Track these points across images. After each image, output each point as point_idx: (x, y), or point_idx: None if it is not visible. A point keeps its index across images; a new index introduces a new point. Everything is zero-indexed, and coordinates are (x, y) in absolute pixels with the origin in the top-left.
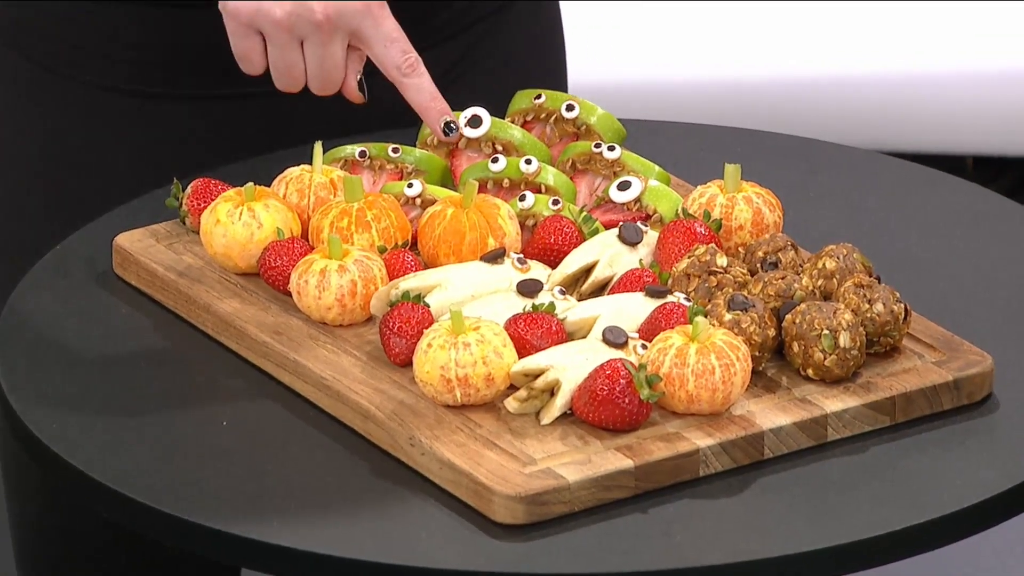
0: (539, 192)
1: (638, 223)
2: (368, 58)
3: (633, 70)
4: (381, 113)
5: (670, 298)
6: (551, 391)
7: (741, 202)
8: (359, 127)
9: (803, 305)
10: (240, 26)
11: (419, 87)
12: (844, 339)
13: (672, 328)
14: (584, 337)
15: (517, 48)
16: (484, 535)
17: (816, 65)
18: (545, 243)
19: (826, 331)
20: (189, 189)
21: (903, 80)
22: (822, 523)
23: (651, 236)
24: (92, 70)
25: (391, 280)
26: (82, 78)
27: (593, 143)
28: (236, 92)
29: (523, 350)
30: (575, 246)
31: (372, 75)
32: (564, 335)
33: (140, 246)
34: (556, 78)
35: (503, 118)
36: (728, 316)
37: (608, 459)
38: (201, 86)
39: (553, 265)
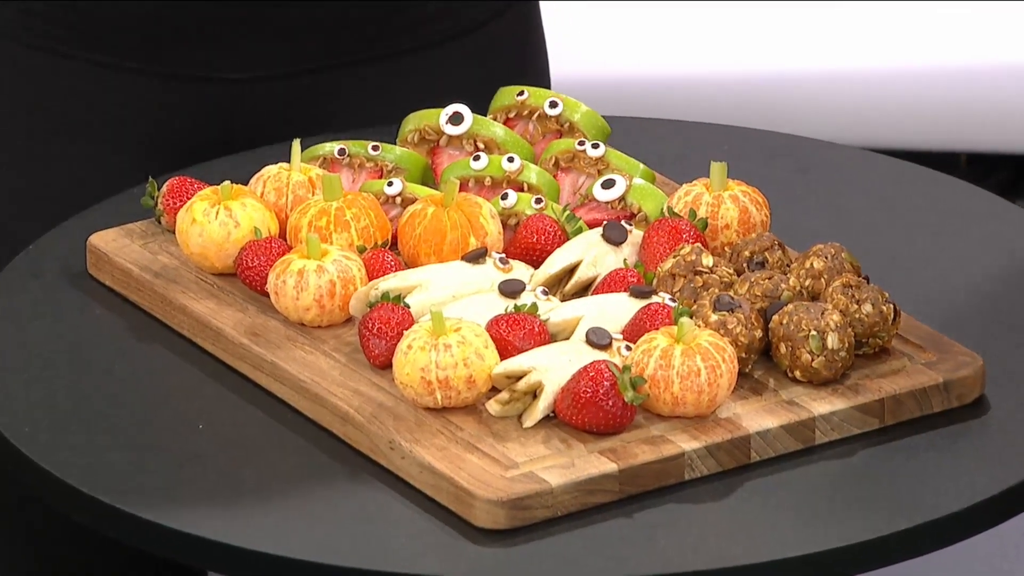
0: (522, 190)
1: (622, 222)
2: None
3: (617, 66)
4: (361, 110)
5: (655, 299)
6: (534, 393)
7: (727, 201)
8: (338, 124)
9: (790, 306)
10: None
11: None
12: (832, 340)
13: (657, 329)
14: (567, 338)
15: (500, 61)
16: (465, 540)
17: (804, 60)
18: (528, 242)
19: (814, 332)
20: (164, 188)
21: (894, 75)
22: (809, 528)
23: (636, 235)
24: (95, 47)
25: (370, 280)
26: (84, 57)
27: (577, 140)
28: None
29: (505, 352)
30: (558, 246)
31: (355, 65)
32: (547, 336)
33: (115, 246)
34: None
35: (485, 115)
36: (714, 317)
37: (592, 463)
38: (183, 64)
39: (536, 265)
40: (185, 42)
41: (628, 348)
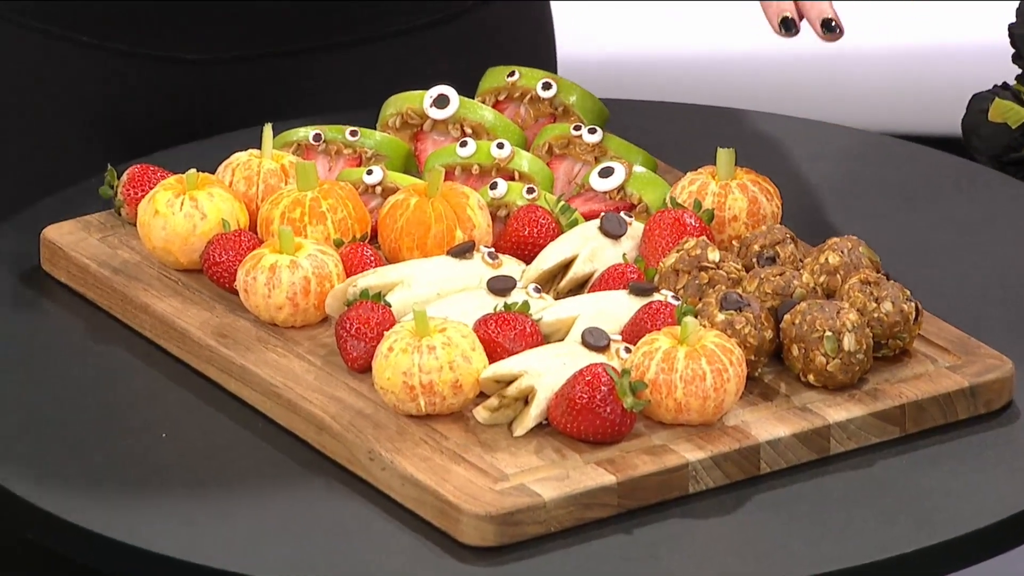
0: (512, 179)
1: (621, 213)
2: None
3: (617, 45)
4: (339, 94)
5: (656, 296)
6: (525, 399)
7: (735, 190)
8: (313, 108)
9: (803, 304)
10: None
11: None
12: (848, 341)
13: (659, 330)
14: (561, 340)
15: (505, 37)
16: (451, 558)
17: (818, 40)
18: (519, 236)
19: (829, 333)
20: (125, 176)
21: (918, 54)
22: (824, 545)
23: (636, 228)
24: (70, 24)
25: (348, 277)
26: (58, 33)
27: (572, 125)
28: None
29: (494, 354)
30: (552, 239)
31: (329, 51)
32: (539, 337)
33: (71, 239)
34: (545, 62)
35: (473, 98)
36: (720, 316)
37: (588, 475)
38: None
39: (527, 260)
40: (150, 19)
41: (627, 350)
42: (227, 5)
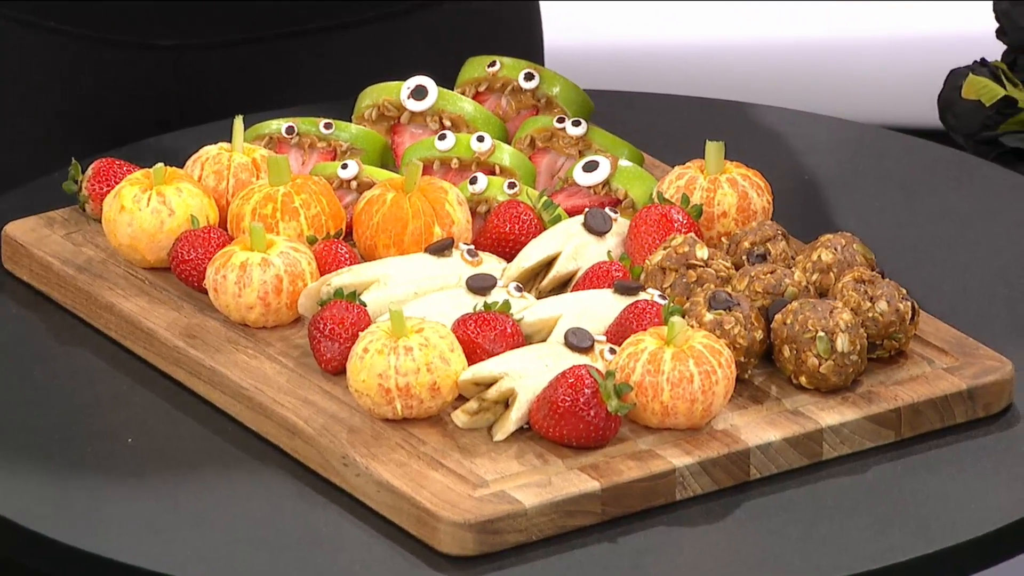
0: (493, 174)
1: (606, 209)
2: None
3: (602, 34)
4: (314, 84)
5: (642, 295)
6: (505, 402)
7: (725, 185)
8: (286, 99)
9: (795, 303)
10: None
11: None
12: (842, 342)
13: (645, 330)
14: (544, 340)
15: (490, 25)
16: (428, 568)
17: (812, 27)
18: (499, 232)
19: (821, 333)
20: (89, 171)
21: (913, 43)
22: (816, 554)
23: (621, 224)
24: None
25: (322, 275)
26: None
27: (555, 117)
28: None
29: (473, 355)
30: (533, 236)
31: (303, 35)
32: (520, 338)
33: (33, 236)
34: (531, 51)
35: (452, 88)
36: (709, 316)
37: (571, 481)
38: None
39: (508, 258)
40: (121, 3)
41: (612, 351)
42: None
